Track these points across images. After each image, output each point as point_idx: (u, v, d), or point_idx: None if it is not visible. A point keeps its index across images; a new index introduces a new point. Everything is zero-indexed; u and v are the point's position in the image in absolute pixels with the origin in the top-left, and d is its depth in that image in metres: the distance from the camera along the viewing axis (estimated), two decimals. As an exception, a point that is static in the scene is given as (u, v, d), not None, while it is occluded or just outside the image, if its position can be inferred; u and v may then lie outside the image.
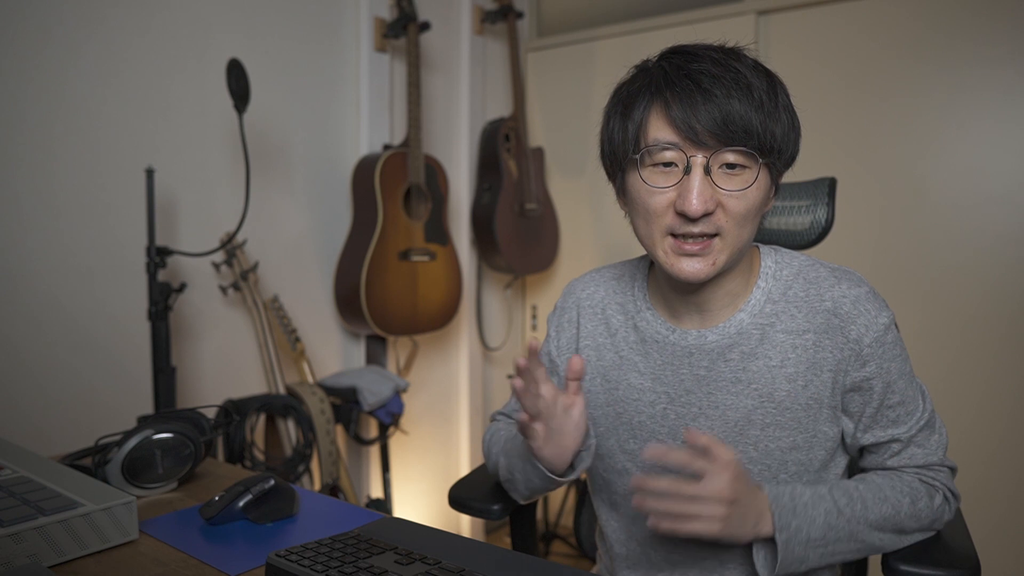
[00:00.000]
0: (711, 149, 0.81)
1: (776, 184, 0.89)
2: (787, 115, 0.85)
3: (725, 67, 0.82)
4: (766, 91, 0.82)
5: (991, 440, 2.03)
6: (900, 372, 0.90)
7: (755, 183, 0.83)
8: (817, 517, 0.85)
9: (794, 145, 0.87)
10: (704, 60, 0.82)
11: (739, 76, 0.81)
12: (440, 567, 0.72)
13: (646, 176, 0.85)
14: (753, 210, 0.84)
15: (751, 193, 0.83)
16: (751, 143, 0.81)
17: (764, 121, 0.81)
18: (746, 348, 0.91)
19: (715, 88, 0.80)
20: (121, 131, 1.73)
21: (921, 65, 2.10)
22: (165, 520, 0.93)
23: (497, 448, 1.08)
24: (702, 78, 0.81)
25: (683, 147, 0.82)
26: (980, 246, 2.04)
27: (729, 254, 0.85)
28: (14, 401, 1.57)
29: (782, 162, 0.86)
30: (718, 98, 0.80)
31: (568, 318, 1.07)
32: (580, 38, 2.75)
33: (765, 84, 0.83)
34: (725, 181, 0.82)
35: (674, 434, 0.95)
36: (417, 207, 2.23)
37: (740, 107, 0.80)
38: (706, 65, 0.82)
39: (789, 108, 0.86)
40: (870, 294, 0.90)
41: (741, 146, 0.81)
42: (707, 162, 0.82)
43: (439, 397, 2.61)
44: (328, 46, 2.20)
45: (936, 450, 0.94)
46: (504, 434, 1.09)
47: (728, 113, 0.79)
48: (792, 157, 0.88)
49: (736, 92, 0.80)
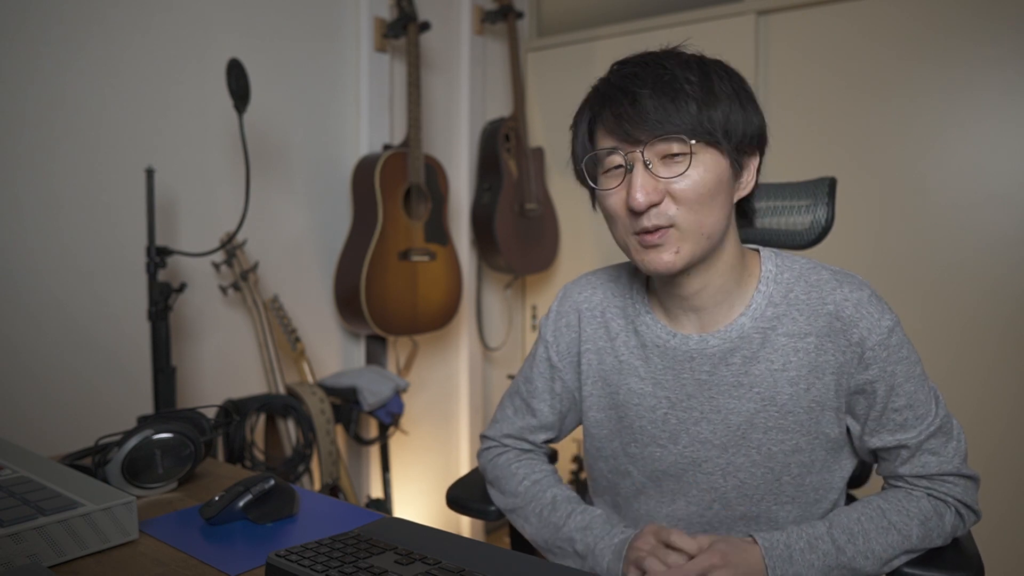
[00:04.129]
0: (644, 143, 0.85)
1: (740, 164, 0.89)
2: (730, 98, 0.86)
3: (651, 67, 0.86)
4: (698, 81, 0.85)
5: (991, 440, 2.03)
6: (907, 375, 0.89)
7: (692, 165, 0.84)
8: (815, 561, 0.85)
9: (745, 124, 0.87)
10: (632, 66, 0.88)
11: (664, 72, 0.85)
12: (440, 567, 0.72)
13: (600, 182, 0.90)
14: (704, 193, 0.85)
15: (693, 175, 0.84)
16: (681, 129, 0.83)
17: (696, 108, 0.84)
18: (748, 352, 0.91)
19: (640, 88, 0.85)
20: (121, 131, 1.73)
21: (921, 65, 2.10)
22: (165, 520, 0.93)
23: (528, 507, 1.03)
24: (628, 83, 0.86)
25: (621, 148, 0.87)
26: (980, 246, 2.04)
27: (693, 242, 0.86)
28: (14, 401, 1.57)
29: (733, 143, 0.87)
30: (642, 97, 0.84)
31: (567, 323, 1.06)
32: (580, 38, 2.75)
33: (697, 75, 0.85)
34: (666, 170, 0.85)
35: (675, 439, 0.95)
36: (417, 207, 2.23)
37: (666, 99, 0.84)
38: (633, 69, 0.87)
39: (734, 91, 0.87)
40: (872, 297, 0.90)
41: (671, 134, 0.83)
42: (643, 156, 0.85)
43: (439, 397, 2.61)
44: (328, 46, 2.20)
45: (952, 458, 0.91)
46: (534, 486, 1.05)
47: (654, 107, 0.84)
48: (750, 137, 0.88)
49: (660, 87, 0.84)
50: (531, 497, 1.04)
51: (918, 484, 0.92)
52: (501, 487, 1.08)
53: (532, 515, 1.02)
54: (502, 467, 1.10)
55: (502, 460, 1.11)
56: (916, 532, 0.88)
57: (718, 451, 0.93)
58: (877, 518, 0.89)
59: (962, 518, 0.92)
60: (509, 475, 1.08)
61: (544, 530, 1.00)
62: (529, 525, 1.03)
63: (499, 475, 1.09)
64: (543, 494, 1.03)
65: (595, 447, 1.05)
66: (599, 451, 1.04)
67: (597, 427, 1.03)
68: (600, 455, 1.04)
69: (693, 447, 0.94)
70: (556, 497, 1.02)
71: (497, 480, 1.09)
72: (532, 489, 1.04)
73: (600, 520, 0.95)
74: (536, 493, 1.04)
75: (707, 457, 0.94)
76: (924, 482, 0.92)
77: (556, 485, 1.04)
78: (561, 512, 0.99)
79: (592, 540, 0.93)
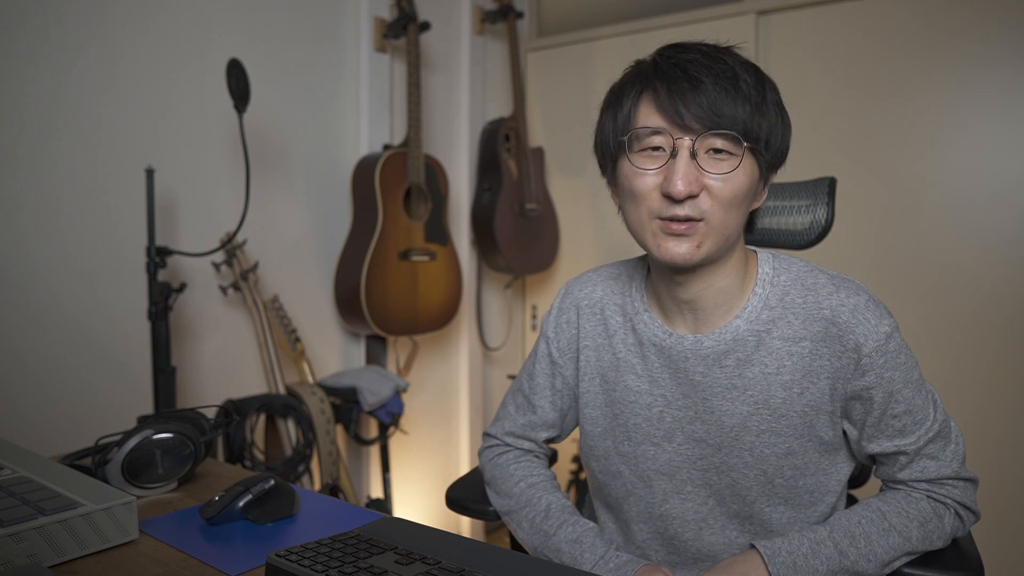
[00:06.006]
0: (697, 133, 0.83)
1: (765, 179, 0.90)
2: (776, 111, 0.86)
3: (714, 59, 0.84)
4: (754, 84, 0.84)
5: (991, 440, 2.03)
6: (905, 381, 0.88)
7: (740, 167, 0.83)
8: (819, 566, 0.85)
9: (782, 140, 0.88)
10: (693, 52, 0.85)
11: (727, 67, 0.83)
12: (440, 567, 0.72)
13: (635, 160, 0.87)
14: (739, 196, 0.84)
15: (736, 177, 0.84)
16: (736, 128, 0.82)
17: (750, 111, 0.83)
18: (742, 355, 0.90)
19: (702, 76, 0.82)
20: (121, 131, 1.73)
21: (921, 65, 2.10)
22: (165, 520, 0.93)
23: (522, 510, 1.03)
24: (689, 67, 0.83)
25: (670, 131, 0.84)
26: (980, 246, 2.04)
27: (714, 240, 0.85)
28: (14, 401, 1.57)
29: (770, 154, 0.87)
30: (705, 84, 0.82)
31: (567, 319, 1.06)
32: (580, 38, 2.75)
33: (753, 78, 0.85)
34: (711, 165, 0.83)
35: (669, 437, 0.95)
36: (417, 207, 2.23)
37: (726, 94, 0.82)
38: (695, 56, 0.84)
39: (778, 105, 0.87)
40: (870, 302, 0.88)
41: (727, 130, 0.82)
42: (693, 145, 0.83)
43: (439, 397, 2.61)
44: (328, 46, 2.20)
45: (951, 462, 0.90)
46: (530, 489, 1.05)
47: (714, 99, 0.82)
48: (781, 153, 0.89)
49: (723, 81, 0.82)
50: (525, 501, 1.03)
51: (917, 487, 0.92)
52: (497, 488, 1.08)
53: (525, 521, 1.02)
54: (501, 467, 1.09)
55: (501, 460, 1.11)
56: (916, 534, 0.88)
57: (712, 450, 0.93)
58: (878, 520, 0.88)
59: (961, 519, 0.92)
60: (506, 476, 1.08)
61: (535, 537, 1.00)
62: (521, 530, 1.03)
63: (497, 475, 1.09)
64: (538, 500, 1.02)
65: (588, 445, 1.04)
66: (592, 450, 1.04)
67: (592, 424, 1.03)
68: (592, 454, 1.04)
69: (687, 446, 0.94)
70: (550, 505, 1.01)
71: (494, 480, 1.09)
72: (527, 492, 1.04)
73: (591, 535, 0.95)
74: (531, 498, 1.03)
75: (701, 455, 0.94)
76: (924, 485, 0.91)
77: (552, 492, 1.04)
78: (553, 521, 0.98)
79: (579, 553, 0.93)
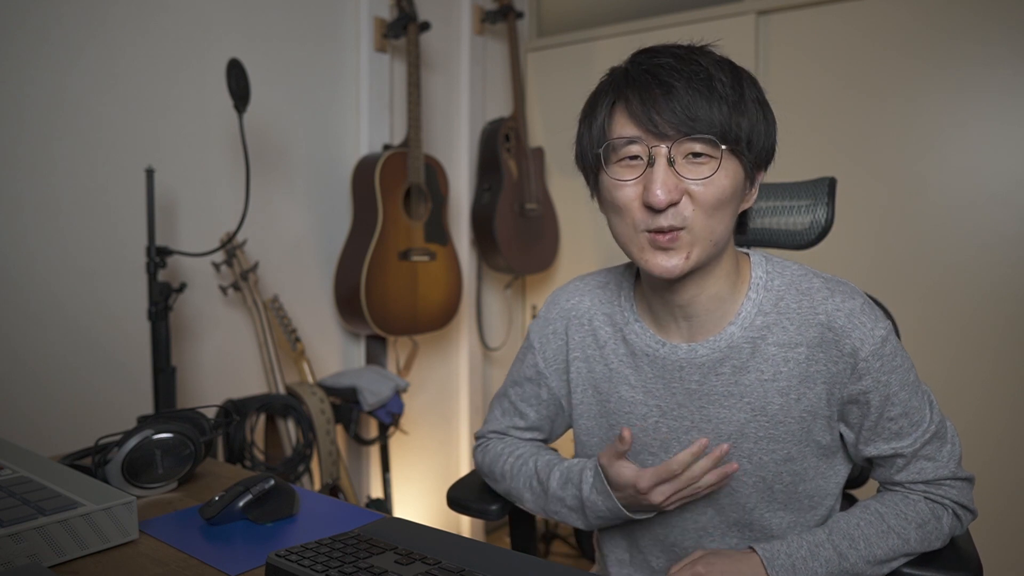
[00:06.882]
0: (672, 139, 0.81)
1: (752, 179, 0.88)
2: (756, 108, 0.84)
3: (686, 61, 0.82)
4: (730, 84, 0.82)
5: (990, 440, 2.03)
6: (901, 383, 0.87)
7: (720, 170, 0.82)
8: (818, 569, 0.84)
9: (766, 138, 0.86)
10: (665, 56, 0.83)
11: (700, 69, 0.82)
12: (440, 567, 0.72)
13: (612, 172, 0.85)
14: (723, 200, 0.83)
15: (718, 180, 0.82)
16: (713, 131, 0.80)
17: (728, 111, 0.81)
18: (737, 362, 0.89)
19: (674, 80, 0.81)
20: (121, 131, 1.73)
21: (921, 65, 2.10)
22: (165, 520, 0.93)
23: (518, 482, 1.04)
24: (661, 72, 0.82)
25: (645, 140, 0.82)
26: (980, 246, 2.04)
27: (702, 247, 0.83)
28: (14, 401, 1.57)
29: (753, 153, 0.85)
30: (677, 89, 0.80)
31: (554, 330, 1.05)
32: (580, 38, 2.75)
33: (730, 77, 0.83)
34: (690, 171, 0.82)
35: (666, 447, 0.94)
36: (417, 207, 2.23)
37: (700, 97, 0.80)
38: (667, 60, 0.83)
39: (759, 102, 0.85)
40: (865, 306, 0.88)
41: (703, 134, 0.80)
42: (669, 152, 0.81)
43: (439, 397, 2.61)
44: (328, 46, 2.20)
45: (948, 462, 0.90)
46: (517, 460, 1.06)
47: (687, 103, 0.80)
48: (766, 151, 0.87)
49: (696, 83, 0.81)
50: (516, 472, 1.04)
51: (915, 488, 0.91)
52: (493, 474, 1.09)
53: (525, 490, 1.03)
54: (490, 453, 1.11)
55: (490, 447, 1.12)
56: (914, 536, 0.88)
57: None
58: (876, 522, 0.88)
59: (959, 519, 0.92)
60: (495, 458, 1.09)
61: (538, 501, 1.01)
62: (526, 501, 1.03)
63: (488, 462, 1.10)
64: (526, 466, 1.04)
65: (585, 455, 1.04)
66: None
67: (587, 435, 1.03)
68: None
69: None
70: (537, 464, 1.02)
71: (489, 469, 1.10)
72: (516, 464, 1.05)
73: (576, 469, 0.96)
74: (520, 467, 1.04)
75: None
76: (921, 487, 0.91)
77: (536, 453, 1.05)
78: (543, 476, 1.00)
79: (575, 490, 0.95)
